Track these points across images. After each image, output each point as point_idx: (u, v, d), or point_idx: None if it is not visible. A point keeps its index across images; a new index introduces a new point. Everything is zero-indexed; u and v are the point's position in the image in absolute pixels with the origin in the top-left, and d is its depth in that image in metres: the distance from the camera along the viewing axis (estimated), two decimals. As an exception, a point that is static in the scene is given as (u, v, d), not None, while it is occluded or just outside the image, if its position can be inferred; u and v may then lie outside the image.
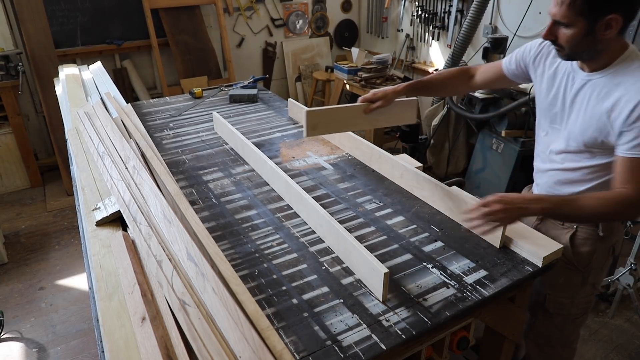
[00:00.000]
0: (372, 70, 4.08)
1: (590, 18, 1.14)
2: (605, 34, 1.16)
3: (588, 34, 1.16)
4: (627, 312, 2.48)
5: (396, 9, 4.79)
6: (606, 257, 1.50)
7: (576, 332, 1.67)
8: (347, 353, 1.00)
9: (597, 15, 1.13)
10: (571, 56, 1.25)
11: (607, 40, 1.17)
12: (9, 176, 3.81)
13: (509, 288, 1.22)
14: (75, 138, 2.05)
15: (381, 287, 1.13)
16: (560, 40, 1.21)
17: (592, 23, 1.14)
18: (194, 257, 1.15)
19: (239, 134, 1.98)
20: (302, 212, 1.51)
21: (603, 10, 1.12)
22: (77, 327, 2.44)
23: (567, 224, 1.47)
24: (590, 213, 1.21)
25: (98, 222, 1.43)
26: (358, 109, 1.66)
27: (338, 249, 1.33)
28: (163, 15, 4.25)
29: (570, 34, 1.18)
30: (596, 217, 1.29)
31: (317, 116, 1.60)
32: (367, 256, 1.17)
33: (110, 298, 1.13)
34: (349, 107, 1.66)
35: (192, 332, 0.98)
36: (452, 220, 1.50)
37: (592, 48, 1.20)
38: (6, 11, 3.66)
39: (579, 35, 1.17)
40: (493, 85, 1.70)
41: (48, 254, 3.05)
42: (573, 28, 1.16)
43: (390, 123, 1.78)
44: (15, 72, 3.54)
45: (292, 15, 5.04)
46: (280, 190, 1.66)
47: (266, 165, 1.72)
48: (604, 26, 1.14)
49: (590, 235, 1.44)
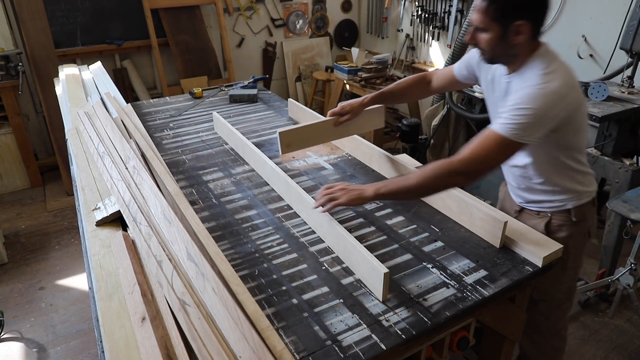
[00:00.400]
0: (372, 70, 4.08)
1: (502, 24, 1.25)
2: (516, 39, 1.26)
3: (502, 38, 1.27)
4: (627, 312, 2.48)
5: (396, 9, 4.79)
6: (583, 241, 1.56)
7: (563, 319, 1.71)
8: (347, 353, 1.00)
9: (507, 21, 1.24)
10: (492, 59, 1.37)
11: (519, 44, 1.28)
12: (9, 176, 3.81)
13: (509, 288, 1.22)
14: (75, 138, 2.05)
15: (381, 287, 1.13)
16: (481, 44, 1.32)
17: (504, 29, 1.25)
18: (194, 257, 1.15)
19: (239, 134, 1.99)
20: (302, 212, 1.51)
21: (512, 17, 1.23)
22: (77, 327, 2.44)
23: (542, 214, 1.54)
24: (415, 184, 1.29)
25: (98, 222, 1.43)
26: (328, 124, 1.75)
27: (338, 249, 1.33)
28: (163, 15, 4.25)
29: (487, 39, 1.29)
30: (422, 188, 1.32)
31: (289, 135, 1.69)
32: (367, 256, 1.17)
33: (110, 298, 1.13)
34: (319, 123, 1.76)
35: (192, 332, 0.98)
36: (452, 220, 1.50)
37: (507, 52, 1.31)
38: (6, 11, 3.66)
39: (495, 40, 1.28)
40: (449, 89, 1.81)
41: (48, 254, 3.05)
42: (489, 33, 1.28)
43: (360, 131, 1.87)
44: (15, 72, 3.54)
45: (292, 15, 5.04)
46: (280, 190, 1.66)
47: (266, 165, 1.72)
48: (515, 32, 1.25)
49: (564, 221, 1.51)
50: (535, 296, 1.61)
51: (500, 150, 1.25)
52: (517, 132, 1.22)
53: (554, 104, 1.22)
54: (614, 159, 2.48)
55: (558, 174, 1.44)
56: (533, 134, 1.23)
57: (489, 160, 1.26)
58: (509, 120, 1.23)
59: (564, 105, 1.24)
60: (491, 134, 1.25)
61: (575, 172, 1.45)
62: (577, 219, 1.50)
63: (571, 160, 1.43)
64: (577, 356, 2.23)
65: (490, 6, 1.24)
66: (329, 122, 1.75)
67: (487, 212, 1.36)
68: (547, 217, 1.53)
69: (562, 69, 1.27)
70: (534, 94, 1.22)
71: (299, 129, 1.73)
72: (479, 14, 1.27)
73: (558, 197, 1.49)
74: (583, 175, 1.48)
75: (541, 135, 1.25)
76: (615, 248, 2.46)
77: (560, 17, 3.27)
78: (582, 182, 1.48)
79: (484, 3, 1.25)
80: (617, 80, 2.80)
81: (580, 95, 1.32)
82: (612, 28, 2.92)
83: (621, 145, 2.48)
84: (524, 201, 1.59)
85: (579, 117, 1.33)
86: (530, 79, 1.27)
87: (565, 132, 1.33)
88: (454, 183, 1.34)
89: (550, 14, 3.23)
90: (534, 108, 1.21)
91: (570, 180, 1.46)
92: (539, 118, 1.22)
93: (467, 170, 1.26)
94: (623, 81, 2.64)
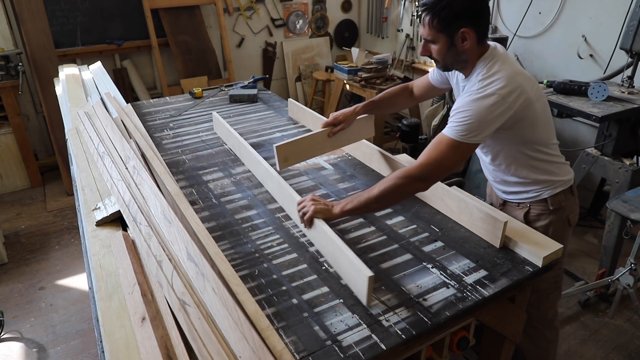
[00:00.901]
0: (372, 70, 4.07)
1: (447, 33, 1.35)
2: (464, 45, 1.35)
3: (451, 47, 1.37)
4: (627, 312, 2.48)
5: (396, 9, 4.79)
6: (563, 228, 1.61)
7: (553, 308, 1.75)
8: (347, 353, 1.00)
9: (451, 30, 1.34)
10: (446, 67, 1.46)
11: (467, 50, 1.36)
12: (9, 176, 3.81)
13: (509, 288, 1.22)
14: (75, 138, 2.05)
15: (365, 292, 1.12)
16: (434, 54, 1.42)
17: (450, 37, 1.35)
18: (194, 257, 1.15)
19: (236, 134, 1.98)
20: (293, 213, 1.50)
21: (455, 26, 1.33)
22: (77, 327, 2.44)
23: (521, 205, 1.61)
24: (378, 196, 1.33)
25: (98, 222, 1.43)
26: (322, 135, 1.77)
27: (326, 253, 1.31)
28: (163, 15, 4.25)
29: (438, 49, 1.39)
30: (384, 198, 1.35)
31: (285, 149, 1.69)
32: (354, 260, 1.15)
33: (110, 298, 1.13)
34: (314, 134, 1.77)
35: (192, 332, 0.98)
36: (452, 220, 1.50)
37: (458, 58, 1.40)
38: (6, 11, 3.66)
39: (444, 49, 1.38)
40: (431, 95, 1.86)
41: (48, 254, 3.05)
42: (438, 43, 1.38)
43: (352, 141, 1.89)
44: (15, 72, 3.54)
45: (292, 15, 5.04)
46: (273, 191, 1.65)
47: (260, 165, 1.72)
48: (461, 39, 1.34)
49: (542, 210, 1.58)
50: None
51: (452, 151, 1.33)
52: (464, 134, 1.31)
53: (493, 106, 1.30)
54: (614, 159, 2.48)
55: (526, 167, 1.51)
56: (479, 134, 1.32)
57: (444, 162, 1.33)
58: (454, 124, 1.33)
59: (507, 105, 1.31)
60: (442, 138, 1.34)
61: (545, 162, 1.51)
62: (554, 207, 1.56)
63: (537, 153, 1.49)
64: (577, 356, 2.23)
65: (434, 19, 1.34)
66: (324, 133, 1.76)
67: (487, 212, 1.36)
68: (526, 207, 1.60)
69: (504, 70, 1.34)
70: (471, 99, 1.32)
71: (296, 141, 1.71)
72: (426, 27, 1.37)
73: (531, 187, 1.55)
74: (554, 165, 1.54)
75: (488, 134, 1.34)
76: (615, 248, 2.46)
77: (560, 17, 3.26)
78: (553, 172, 1.54)
79: (427, 17, 1.35)
80: (617, 80, 2.80)
81: (530, 93, 1.37)
82: (612, 28, 2.92)
83: (621, 145, 2.48)
84: (503, 193, 1.66)
85: (532, 113, 1.39)
86: (473, 84, 1.37)
87: (519, 128, 1.40)
88: (414, 189, 1.40)
89: (551, 14, 3.25)
90: (473, 110, 1.31)
91: (541, 171, 1.52)
92: (479, 120, 1.30)
93: (425, 175, 1.34)
94: (623, 81, 2.64)
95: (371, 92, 3.93)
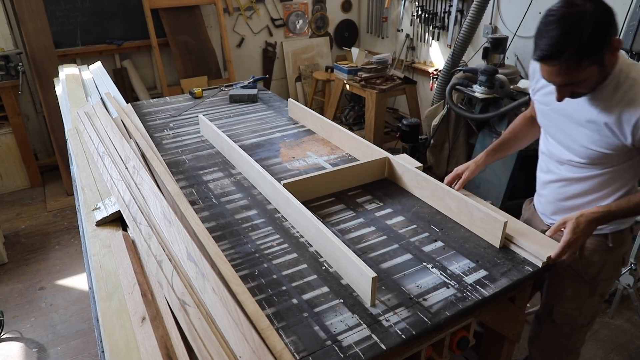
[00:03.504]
0: (372, 70, 4.07)
1: (598, 59, 1.12)
2: (612, 58, 1.16)
3: (601, 70, 1.16)
4: (627, 312, 2.47)
5: (396, 9, 4.79)
6: (615, 268, 1.48)
7: (582, 338, 1.65)
8: (347, 353, 1.00)
9: (603, 51, 1.11)
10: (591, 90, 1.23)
11: (614, 57, 1.18)
12: (9, 176, 3.81)
13: (509, 288, 1.22)
14: (75, 138, 2.05)
15: (369, 292, 1.12)
16: (578, 90, 1.20)
17: (601, 59, 1.13)
18: (194, 257, 1.15)
19: (225, 137, 1.95)
20: (290, 215, 1.49)
21: (603, 44, 1.10)
22: (77, 327, 2.44)
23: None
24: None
25: (98, 222, 1.43)
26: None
27: (326, 254, 1.31)
28: (163, 15, 4.25)
29: (587, 83, 1.17)
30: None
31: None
32: (355, 260, 1.16)
33: (110, 298, 1.13)
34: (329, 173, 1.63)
35: (192, 332, 0.98)
36: (452, 220, 1.50)
37: (601, 75, 1.19)
38: (6, 11, 3.66)
39: (594, 77, 1.16)
40: None
41: (48, 254, 3.05)
42: (588, 77, 1.15)
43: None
44: (15, 72, 3.54)
45: (292, 15, 5.04)
46: (267, 193, 1.64)
47: (253, 168, 1.70)
48: (611, 52, 1.13)
49: (598, 246, 1.41)
50: (559, 320, 1.56)
51: None
52: None
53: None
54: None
55: (622, 191, 1.32)
56: None
57: None
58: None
59: None
60: None
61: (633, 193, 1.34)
62: (614, 244, 1.40)
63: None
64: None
65: (582, 60, 1.10)
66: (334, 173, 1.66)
67: (487, 212, 1.36)
68: None
69: (629, 60, 1.23)
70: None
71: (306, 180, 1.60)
72: (569, 73, 1.12)
73: None
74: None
75: None
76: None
77: (560, 17, 3.26)
78: None
79: (574, 59, 1.09)
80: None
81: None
82: (612, 28, 2.91)
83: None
84: (554, 220, 1.48)
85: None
86: (615, 89, 1.20)
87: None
88: None
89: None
90: None
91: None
92: None
93: None
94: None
95: (371, 92, 3.93)
